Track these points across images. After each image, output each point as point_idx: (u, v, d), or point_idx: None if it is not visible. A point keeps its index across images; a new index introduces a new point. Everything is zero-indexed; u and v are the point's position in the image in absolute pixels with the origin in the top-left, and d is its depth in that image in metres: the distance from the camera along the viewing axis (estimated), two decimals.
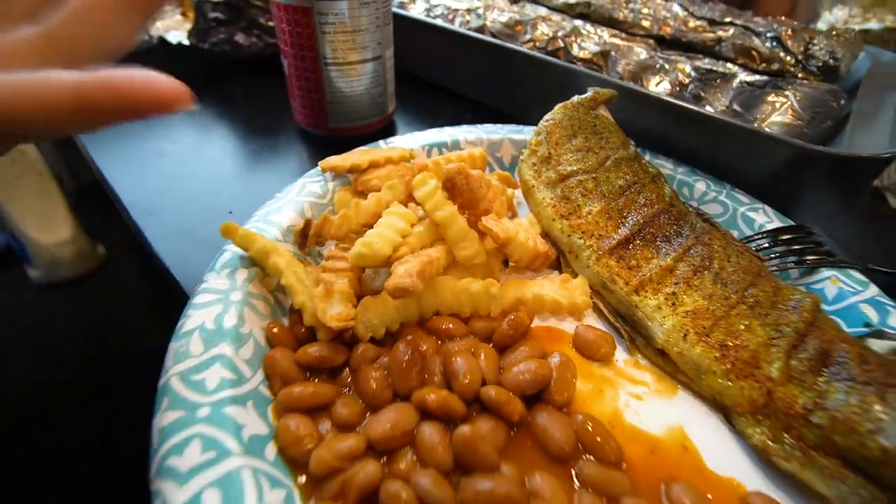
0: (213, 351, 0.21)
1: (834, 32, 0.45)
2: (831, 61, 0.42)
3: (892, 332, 0.25)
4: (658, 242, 0.29)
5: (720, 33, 0.47)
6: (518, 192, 0.35)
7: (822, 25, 0.65)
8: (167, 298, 0.53)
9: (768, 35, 0.46)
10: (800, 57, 0.44)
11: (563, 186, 0.32)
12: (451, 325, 0.25)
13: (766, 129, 0.33)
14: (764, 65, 0.45)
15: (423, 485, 0.18)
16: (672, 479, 0.21)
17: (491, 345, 0.25)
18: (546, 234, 0.31)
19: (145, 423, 0.20)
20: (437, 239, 0.27)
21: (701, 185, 0.35)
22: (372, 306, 0.24)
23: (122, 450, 0.47)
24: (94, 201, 0.43)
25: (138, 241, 0.38)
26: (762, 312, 0.25)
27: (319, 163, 0.32)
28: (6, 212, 0.39)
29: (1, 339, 0.43)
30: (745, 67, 0.45)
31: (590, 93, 0.35)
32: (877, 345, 0.24)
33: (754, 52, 0.46)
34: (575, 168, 0.32)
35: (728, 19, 0.48)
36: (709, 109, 0.38)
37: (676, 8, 0.51)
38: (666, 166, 0.37)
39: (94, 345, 0.45)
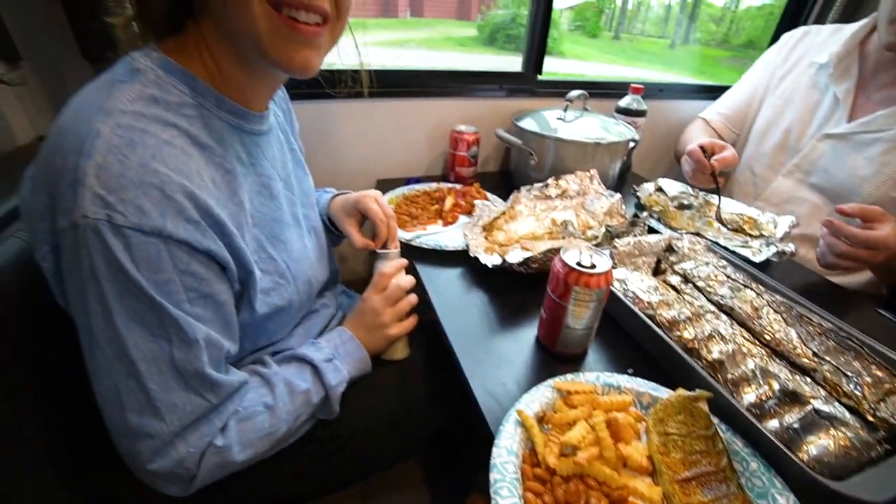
0: (507, 457, 0.63)
1: None
2: (892, 419, 0.65)
3: None
4: (703, 488, 0.60)
5: (817, 365, 0.73)
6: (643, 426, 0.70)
7: None
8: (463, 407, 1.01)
9: (854, 380, 0.70)
10: (872, 404, 0.67)
11: (665, 438, 0.66)
12: (592, 482, 0.62)
13: (789, 452, 0.60)
14: (845, 398, 0.70)
15: None
16: None
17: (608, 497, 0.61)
18: (650, 457, 0.65)
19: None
20: (597, 442, 0.65)
21: (754, 465, 0.64)
22: (565, 462, 0.63)
23: None
24: None
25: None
26: None
27: (554, 383, 0.74)
28: None
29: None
30: (830, 395, 0.70)
31: (696, 391, 0.69)
32: None
33: (839, 388, 0.70)
34: (674, 431, 0.66)
35: (827, 358, 0.74)
36: (773, 423, 0.66)
37: (793, 334, 0.78)
38: (738, 443, 0.66)
39: (406, 404, 0.96)
